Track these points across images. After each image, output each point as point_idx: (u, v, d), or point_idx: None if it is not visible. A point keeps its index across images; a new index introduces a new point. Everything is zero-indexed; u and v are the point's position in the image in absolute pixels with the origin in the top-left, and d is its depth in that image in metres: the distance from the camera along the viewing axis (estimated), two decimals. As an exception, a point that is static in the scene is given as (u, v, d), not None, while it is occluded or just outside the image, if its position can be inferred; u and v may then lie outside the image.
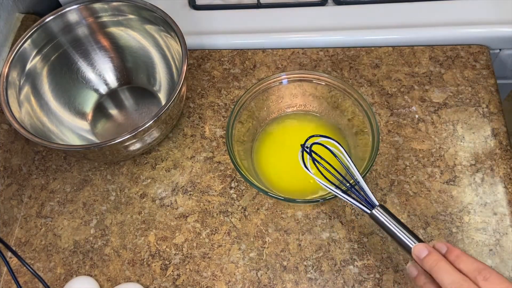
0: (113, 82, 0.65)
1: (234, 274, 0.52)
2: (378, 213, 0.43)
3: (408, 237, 0.41)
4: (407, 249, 0.41)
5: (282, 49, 0.67)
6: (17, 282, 0.43)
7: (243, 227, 0.55)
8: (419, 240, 0.41)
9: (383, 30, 0.65)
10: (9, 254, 0.56)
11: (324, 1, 0.68)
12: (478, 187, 0.54)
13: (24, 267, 0.55)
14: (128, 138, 0.49)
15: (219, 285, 0.52)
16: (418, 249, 0.39)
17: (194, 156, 0.60)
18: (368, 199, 0.44)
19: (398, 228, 0.42)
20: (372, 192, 0.44)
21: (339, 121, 0.57)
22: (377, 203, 0.43)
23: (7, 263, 0.41)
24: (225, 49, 0.67)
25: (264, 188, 0.50)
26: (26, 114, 0.55)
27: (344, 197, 0.44)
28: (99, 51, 0.63)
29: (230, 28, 0.67)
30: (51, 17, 0.58)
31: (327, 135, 0.47)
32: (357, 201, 0.44)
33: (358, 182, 0.45)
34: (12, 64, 0.55)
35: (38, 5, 0.68)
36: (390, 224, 0.42)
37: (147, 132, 0.51)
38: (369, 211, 0.43)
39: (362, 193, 0.44)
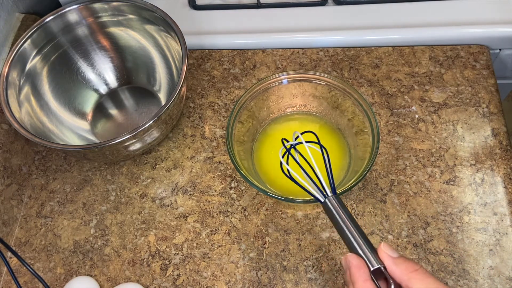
0: (113, 82, 0.65)
1: (234, 274, 0.52)
2: (331, 203, 0.40)
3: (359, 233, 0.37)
4: (352, 244, 0.37)
5: (282, 49, 0.67)
6: (17, 282, 0.43)
7: (243, 227, 0.55)
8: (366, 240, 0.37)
9: (383, 30, 0.65)
10: (9, 254, 0.56)
11: (324, 1, 0.68)
12: (478, 187, 0.54)
13: (24, 267, 0.55)
14: (128, 138, 0.49)
15: (219, 285, 0.52)
16: (390, 248, 0.35)
17: (194, 156, 0.60)
18: (331, 188, 0.41)
19: (349, 221, 0.38)
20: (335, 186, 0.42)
21: (339, 121, 0.57)
22: (334, 193, 0.41)
23: (7, 263, 0.41)
24: (225, 49, 0.67)
25: (264, 188, 0.50)
26: (26, 114, 0.55)
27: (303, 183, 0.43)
28: (99, 51, 0.63)
29: (230, 28, 0.67)
30: (51, 17, 0.58)
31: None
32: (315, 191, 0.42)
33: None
34: (12, 64, 0.55)
35: (38, 5, 0.68)
36: (344, 222, 0.38)
37: (147, 132, 0.51)
38: (322, 200, 0.41)
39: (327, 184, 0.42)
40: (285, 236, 0.54)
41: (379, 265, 0.35)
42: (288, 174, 0.44)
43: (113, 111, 0.65)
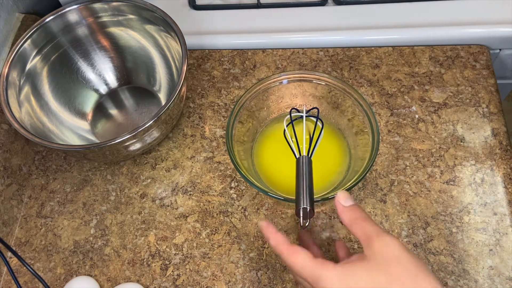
0: (113, 82, 0.65)
1: (234, 274, 0.52)
2: (302, 160, 0.48)
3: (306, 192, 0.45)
4: (299, 198, 0.45)
5: (282, 49, 0.67)
6: (17, 282, 0.43)
7: (243, 227, 0.55)
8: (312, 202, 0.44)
9: (383, 30, 0.65)
10: (9, 254, 0.56)
11: (324, 1, 0.68)
12: (478, 187, 0.54)
13: (24, 267, 0.55)
14: (128, 138, 0.49)
15: (219, 285, 0.52)
16: (344, 197, 0.40)
17: (194, 156, 0.60)
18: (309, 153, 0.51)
19: (306, 180, 0.46)
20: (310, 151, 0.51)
21: (339, 121, 0.58)
22: (309, 155, 0.49)
23: (7, 263, 0.41)
24: (225, 49, 0.67)
25: (264, 188, 0.50)
26: (26, 114, 0.55)
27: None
28: (99, 51, 0.63)
29: (230, 28, 0.67)
30: (51, 17, 0.58)
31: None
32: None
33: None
34: (12, 64, 0.55)
35: (38, 5, 0.68)
36: (303, 174, 0.47)
37: (147, 132, 0.51)
38: (297, 156, 0.49)
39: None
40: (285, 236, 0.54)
41: (306, 206, 0.44)
42: (284, 135, 0.54)
43: (113, 111, 0.65)
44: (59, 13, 0.58)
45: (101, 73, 0.65)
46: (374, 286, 0.32)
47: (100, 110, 0.64)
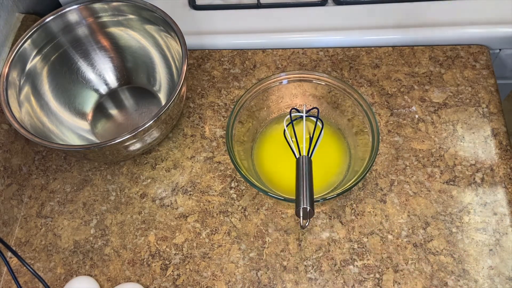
0: (113, 82, 0.65)
1: (234, 274, 0.52)
2: (302, 160, 0.49)
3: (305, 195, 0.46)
4: (298, 202, 0.46)
5: (282, 49, 0.67)
6: (17, 282, 0.43)
7: (243, 227, 0.55)
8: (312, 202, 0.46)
9: (383, 30, 0.65)
10: (9, 254, 0.56)
11: (324, 1, 0.68)
12: (478, 187, 0.54)
13: (24, 267, 0.55)
14: (128, 138, 0.49)
15: (219, 285, 0.52)
16: None
17: (194, 156, 0.60)
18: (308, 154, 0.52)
19: (305, 181, 0.47)
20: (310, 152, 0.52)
21: (339, 121, 0.58)
22: (309, 155, 0.50)
23: (7, 263, 0.41)
24: (225, 49, 0.67)
25: (264, 188, 0.50)
26: (26, 114, 0.55)
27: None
28: (99, 51, 0.63)
29: (230, 28, 0.67)
30: (51, 17, 0.58)
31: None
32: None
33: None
34: (12, 64, 0.55)
35: (38, 5, 0.68)
36: (303, 174, 0.48)
37: (147, 132, 0.51)
38: (297, 156, 0.51)
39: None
40: (285, 236, 0.54)
41: (306, 206, 0.45)
42: (284, 135, 0.55)
43: (113, 111, 0.65)
44: (59, 13, 0.58)
45: (101, 73, 0.65)
46: None
47: (100, 110, 0.64)
